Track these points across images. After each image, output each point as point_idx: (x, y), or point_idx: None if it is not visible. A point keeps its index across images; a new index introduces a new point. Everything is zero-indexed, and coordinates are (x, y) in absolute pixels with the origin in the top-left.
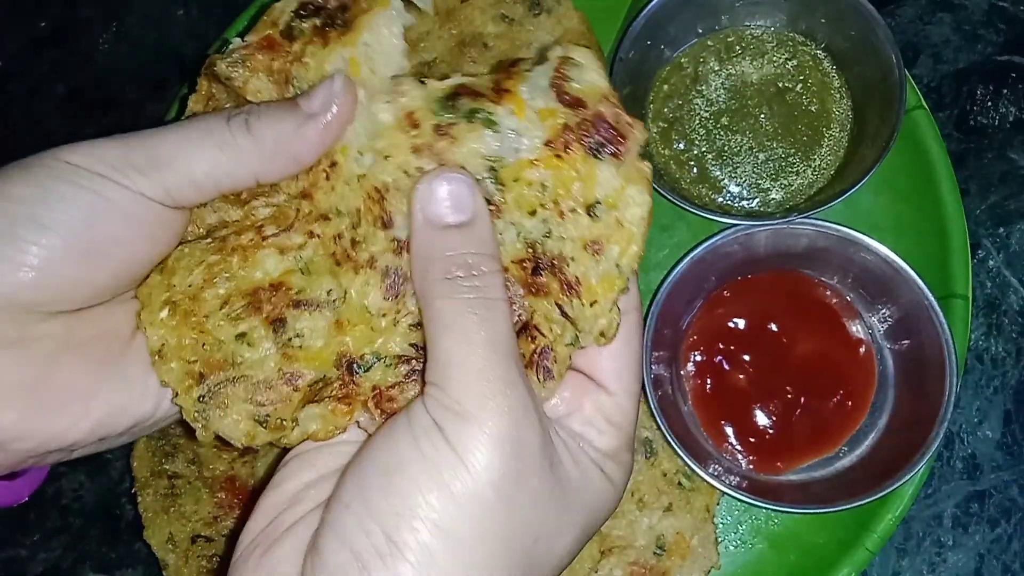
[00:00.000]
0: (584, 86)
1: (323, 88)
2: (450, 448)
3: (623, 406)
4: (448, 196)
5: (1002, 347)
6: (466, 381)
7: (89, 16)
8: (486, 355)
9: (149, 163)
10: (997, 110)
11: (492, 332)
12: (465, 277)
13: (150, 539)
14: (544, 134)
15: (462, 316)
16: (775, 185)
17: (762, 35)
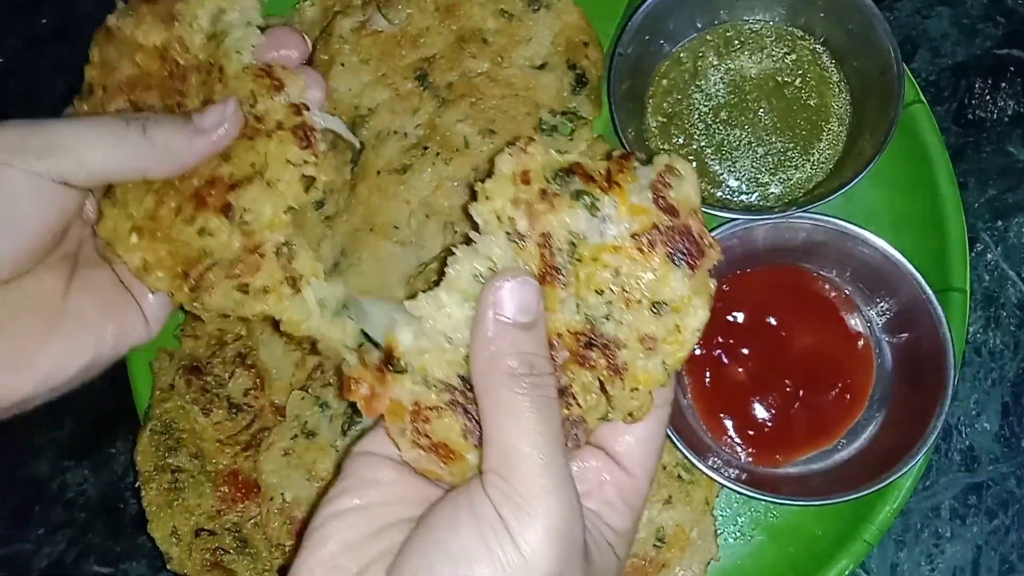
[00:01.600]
0: (680, 197)
1: (216, 109)
2: (514, 546)
3: (641, 490)
4: (518, 296)
5: (1000, 340)
6: (530, 475)
7: (88, 14)
8: (547, 452)
9: (46, 148)
10: (995, 104)
11: (552, 430)
12: (527, 375)
13: (154, 533)
14: (633, 227)
15: (526, 411)
16: (774, 179)
17: (761, 29)
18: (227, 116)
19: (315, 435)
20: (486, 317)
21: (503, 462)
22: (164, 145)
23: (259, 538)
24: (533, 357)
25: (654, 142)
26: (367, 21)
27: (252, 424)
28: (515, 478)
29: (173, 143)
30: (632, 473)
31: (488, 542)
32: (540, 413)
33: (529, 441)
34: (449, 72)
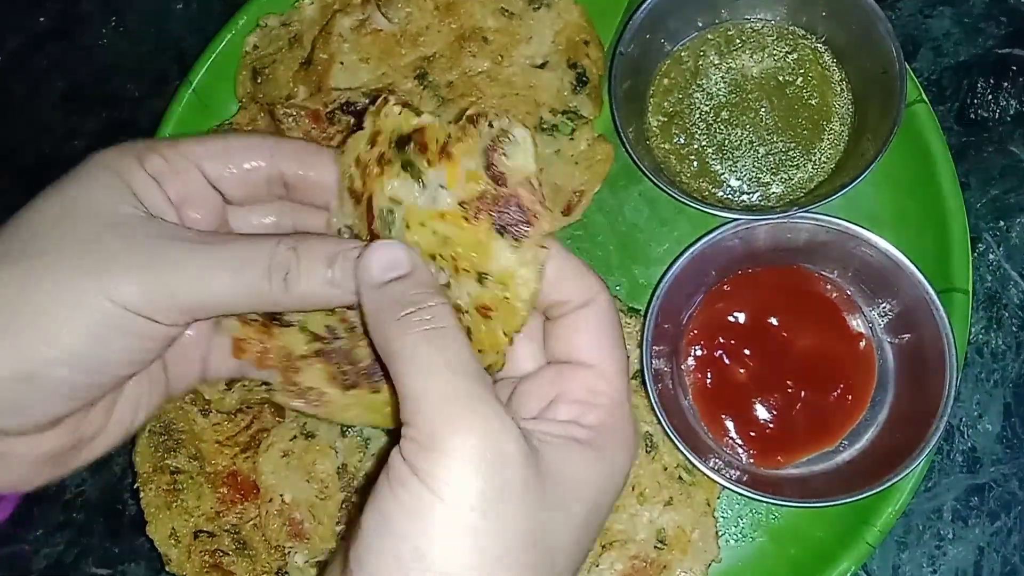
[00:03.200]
0: (513, 164)
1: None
2: (425, 487)
3: (606, 375)
4: (385, 260)
5: (1002, 341)
6: (432, 410)
7: (89, 11)
8: (448, 378)
9: (178, 295)
10: (998, 103)
11: (449, 356)
12: (414, 312)
13: (152, 534)
14: (461, 195)
15: (418, 348)
16: (775, 179)
17: (762, 28)
18: (373, 282)
19: (314, 436)
20: (361, 291)
21: (407, 409)
22: (302, 297)
23: (258, 539)
24: (415, 295)
25: (655, 141)
26: (367, 20)
27: (251, 425)
28: (419, 420)
29: (313, 296)
30: (590, 363)
31: (399, 497)
32: (432, 344)
33: (425, 377)
34: (449, 71)
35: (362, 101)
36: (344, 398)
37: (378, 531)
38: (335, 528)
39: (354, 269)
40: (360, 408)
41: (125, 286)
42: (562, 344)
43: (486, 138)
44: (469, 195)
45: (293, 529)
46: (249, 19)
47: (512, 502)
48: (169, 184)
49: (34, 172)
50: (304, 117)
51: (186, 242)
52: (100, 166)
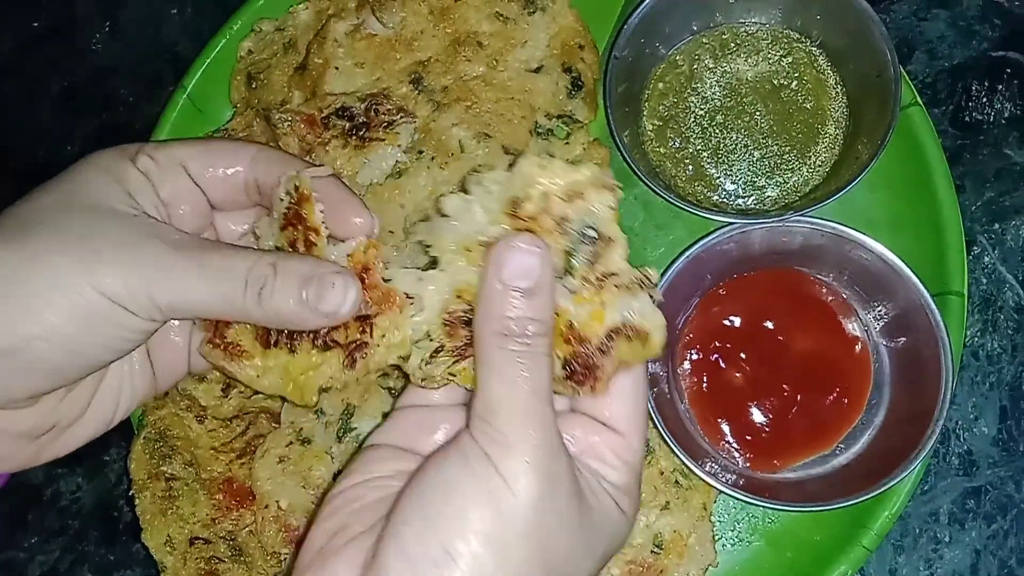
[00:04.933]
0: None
1: (337, 294)
2: (497, 473)
3: (633, 446)
4: (518, 266)
5: (998, 343)
6: (510, 418)
7: (84, 15)
8: (528, 399)
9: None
10: (992, 106)
11: (534, 382)
12: (519, 336)
13: (148, 541)
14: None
15: (511, 365)
16: (771, 183)
17: (757, 32)
18: (347, 302)
19: (310, 442)
20: (486, 276)
21: (485, 407)
22: (275, 312)
23: (254, 546)
24: (528, 322)
25: (650, 145)
26: (361, 24)
27: (247, 431)
28: (496, 420)
29: (285, 313)
30: (620, 431)
31: (473, 469)
32: (526, 369)
33: (510, 391)
34: (444, 76)
35: (357, 106)
36: (264, 357)
37: (444, 488)
38: None
39: (328, 294)
40: (275, 374)
41: (110, 279)
42: (600, 407)
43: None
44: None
45: (289, 535)
46: (244, 24)
47: (558, 517)
48: (159, 184)
49: (28, 175)
50: (299, 122)
51: (171, 246)
52: (96, 166)
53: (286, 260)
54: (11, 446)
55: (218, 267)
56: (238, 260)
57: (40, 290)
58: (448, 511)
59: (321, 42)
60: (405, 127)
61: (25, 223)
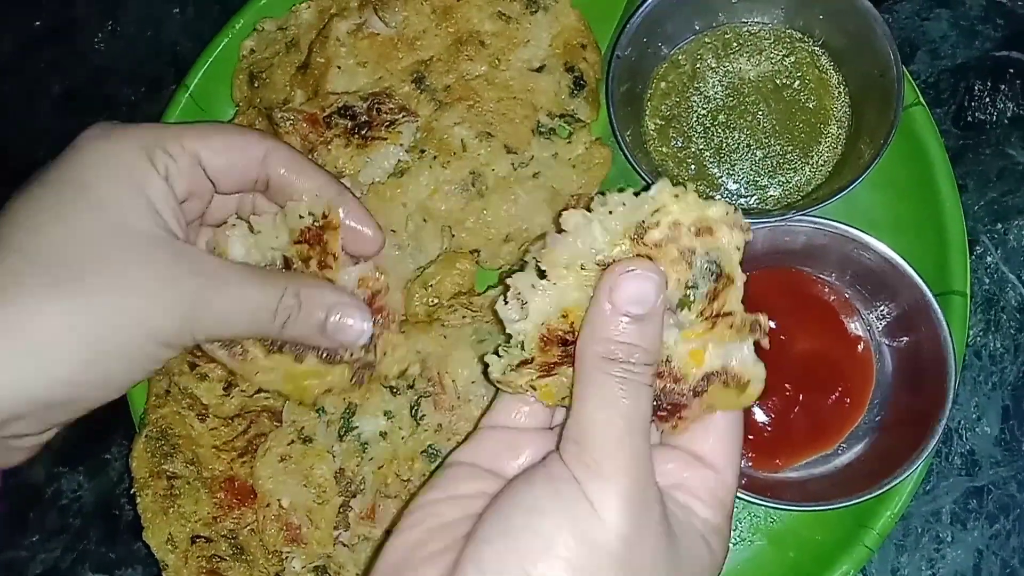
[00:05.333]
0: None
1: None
2: (586, 499)
3: (728, 483)
4: (635, 288)
5: (1000, 343)
6: (605, 445)
7: (85, 15)
8: (626, 427)
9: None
10: (995, 106)
11: (634, 410)
12: (624, 361)
13: (149, 539)
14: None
15: (611, 390)
16: (773, 182)
17: (759, 32)
18: (363, 336)
19: (312, 441)
20: (598, 296)
21: (580, 430)
22: (292, 338)
23: (255, 545)
24: (635, 349)
25: (652, 144)
26: (363, 24)
27: (248, 430)
28: (590, 444)
29: (303, 339)
30: (715, 467)
31: (561, 493)
32: (624, 391)
33: (607, 415)
34: (446, 75)
35: (359, 105)
36: (266, 360)
37: (529, 509)
38: (332, 533)
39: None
40: (278, 374)
41: (161, 322)
42: (698, 443)
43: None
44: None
45: (290, 534)
46: (246, 23)
47: (646, 550)
48: (177, 184)
49: (28, 176)
50: (301, 121)
51: (208, 279)
52: (116, 171)
53: (309, 290)
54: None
55: (254, 303)
56: (269, 292)
57: (96, 341)
58: (531, 533)
59: (323, 41)
60: (407, 126)
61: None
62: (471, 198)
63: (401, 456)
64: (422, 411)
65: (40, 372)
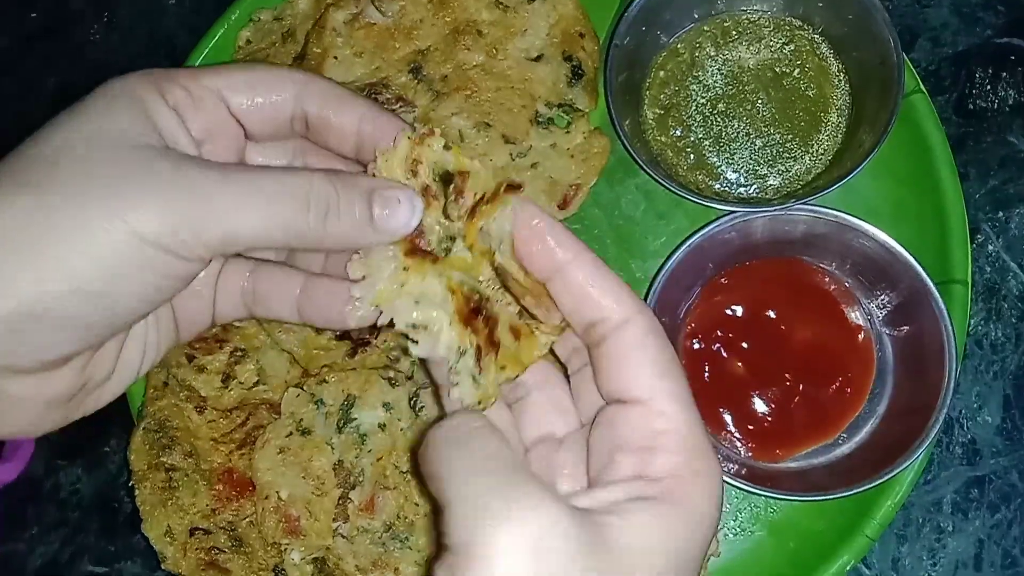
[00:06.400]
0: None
1: (404, 211)
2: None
3: (663, 410)
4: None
5: (1001, 332)
6: (467, 512)
7: (80, 8)
8: (480, 477)
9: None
10: (996, 93)
11: (479, 455)
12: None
13: (148, 532)
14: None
15: (449, 459)
16: (773, 171)
17: (758, 20)
18: (413, 215)
19: (310, 432)
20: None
21: (444, 523)
22: (337, 236)
23: (254, 536)
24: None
25: (651, 134)
26: (360, 13)
27: (247, 422)
28: (453, 529)
29: (349, 236)
30: (640, 399)
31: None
32: (463, 447)
33: (458, 483)
34: (443, 65)
35: None
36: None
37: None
38: (331, 524)
39: (396, 209)
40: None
41: (148, 219)
42: (608, 380)
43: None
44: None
45: (289, 526)
46: (242, 14)
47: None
48: (191, 118)
49: None
50: None
51: (213, 172)
52: (119, 96)
53: (344, 176)
54: (39, 412)
55: (272, 190)
56: (293, 178)
57: (67, 240)
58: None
59: (320, 31)
60: (404, 116)
61: (44, 164)
62: None
63: (400, 448)
64: (421, 403)
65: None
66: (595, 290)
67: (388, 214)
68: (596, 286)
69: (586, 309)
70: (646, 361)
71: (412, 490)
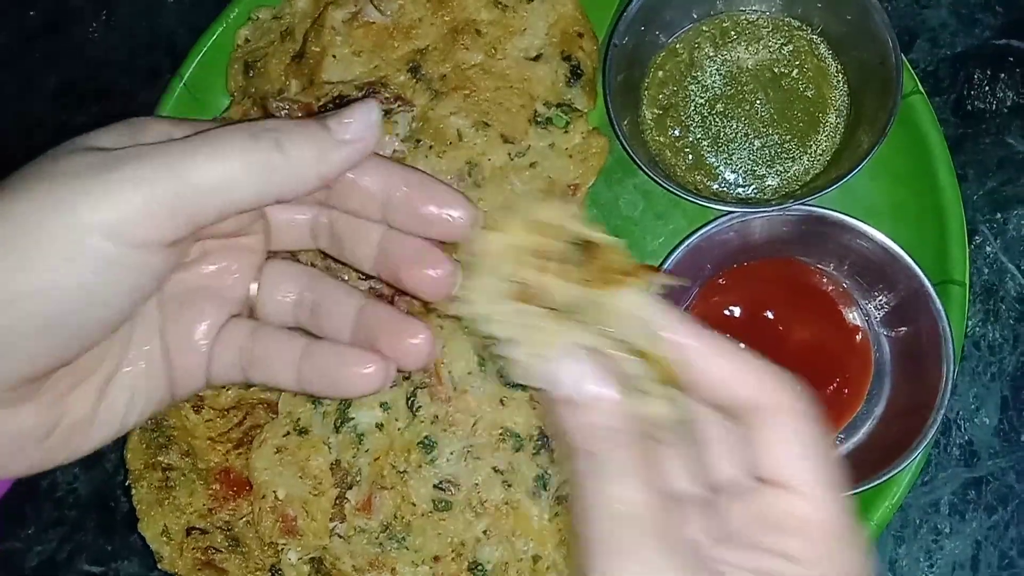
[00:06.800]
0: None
1: (360, 117)
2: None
3: (810, 496)
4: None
5: (999, 333)
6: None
7: (79, 5)
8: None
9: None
10: (995, 94)
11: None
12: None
13: (144, 531)
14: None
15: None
16: (771, 172)
17: (757, 20)
18: (371, 124)
19: (308, 432)
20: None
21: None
22: (301, 160)
23: (251, 536)
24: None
25: (650, 134)
26: (359, 12)
27: (244, 422)
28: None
29: (311, 157)
30: (784, 485)
31: None
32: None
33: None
34: (442, 64)
35: (355, 94)
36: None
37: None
38: (328, 524)
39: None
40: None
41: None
42: (752, 459)
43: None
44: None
45: (286, 526)
46: (240, 12)
47: None
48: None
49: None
50: (296, 111)
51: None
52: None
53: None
54: (13, 446)
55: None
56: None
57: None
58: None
59: (318, 30)
60: (403, 116)
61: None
62: (467, 188)
63: (397, 447)
64: (418, 402)
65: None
66: (739, 373)
67: (346, 122)
68: (740, 369)
69: (730, 391)
70: (795, 447)
71: (409, 490)
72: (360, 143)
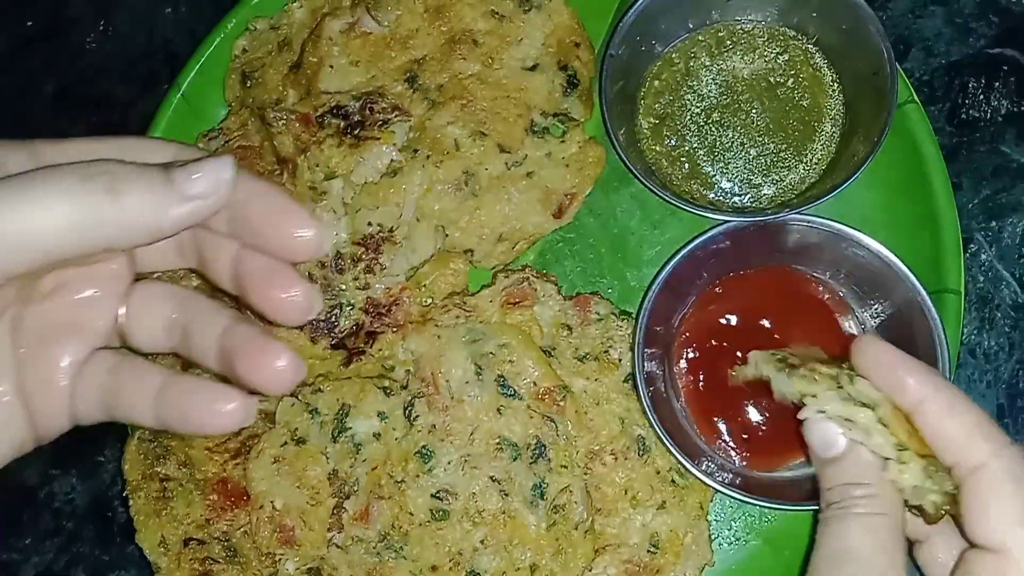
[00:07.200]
0: None
1: (210, 172)
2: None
3: (1015, 562)
4: (820, 438)
5: (995, 341)
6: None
7: (78, 14)
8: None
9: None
10: (989, 103)
11: (874, 545)
12: (840, 502)
13: (142, 542)
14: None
15: (847, 529)
16: (767, 181)
17: (753, 30)
18: (221, 182)
19: (305, 442)
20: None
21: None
22: (135, 211)
23: (249, 547)
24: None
25: (646, 143)
26: (356, 23)
27: (241, 431)
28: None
29: (148, 210)
30: (992, 548)
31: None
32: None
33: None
34: (439, 74)
35: (352, 104)
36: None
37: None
38: (326, 534)
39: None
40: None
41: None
42: (967, 524)
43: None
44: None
45: (284, 536)
46: (238, 23)
47: None
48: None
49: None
50: (294, 121)
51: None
52: None
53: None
54: None
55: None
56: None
57: None
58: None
59: (316, 40)
60: (400, 125)
61: None
62: (464, 197)
63: (395, 457)
64: (416, 412)
65: None
66: (950, 430)
67: (194, 177)
68: (951, 426)
69: (943, 450)
70: (1002, 508)
71: (407, 500)
72: (206, 200)
